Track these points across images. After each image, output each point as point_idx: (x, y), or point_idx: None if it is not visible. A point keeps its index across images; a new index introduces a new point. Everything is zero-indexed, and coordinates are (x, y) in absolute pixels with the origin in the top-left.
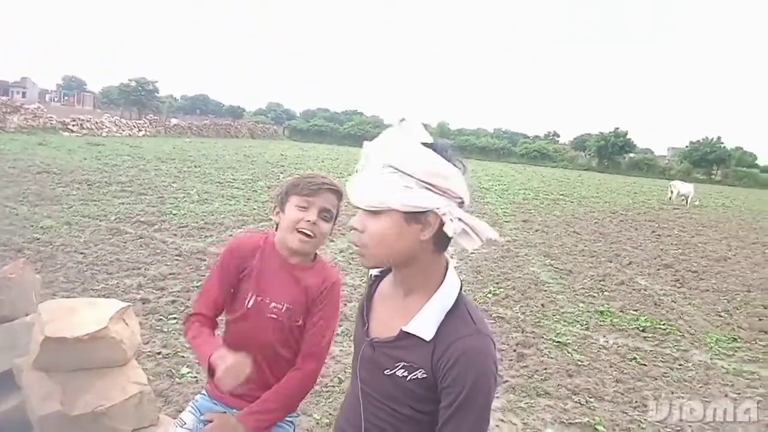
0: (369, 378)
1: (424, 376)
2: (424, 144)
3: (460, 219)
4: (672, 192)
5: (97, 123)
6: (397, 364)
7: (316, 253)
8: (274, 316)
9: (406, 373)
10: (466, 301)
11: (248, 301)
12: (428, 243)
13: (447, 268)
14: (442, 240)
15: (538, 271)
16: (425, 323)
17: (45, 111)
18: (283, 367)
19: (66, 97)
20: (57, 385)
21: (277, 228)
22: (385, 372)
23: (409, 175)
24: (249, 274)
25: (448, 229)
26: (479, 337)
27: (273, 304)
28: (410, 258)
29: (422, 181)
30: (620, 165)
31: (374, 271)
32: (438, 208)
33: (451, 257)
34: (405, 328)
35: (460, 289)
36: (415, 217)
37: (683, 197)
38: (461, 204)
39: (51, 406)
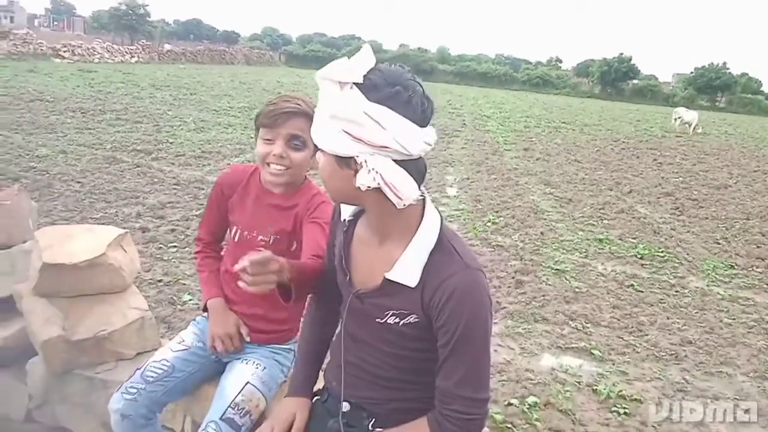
0: (360, 326)
1: (417, 320)
2: (357, 83)
3: (377, 171)
4: (676, 119)
5: (88, 49)
6: (386, 313)
7: (306, 177)
8: (263, 249)
9: (397, 320)
10: (450, 236)
11: (234, 236)
12: (373, 190)
13: (424, 208)
14: None
15: (538, 199)
16: (408, 269)
17: (35, 37)
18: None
19: (55, 23)
20: (58, 310)
21: None
22: (377, 320)
23: (327, 116)
24: (233, 208)
25: (362, 180)
26: (468, 272)
27: (260, 237)
28: (356, 200)
29: (338, 126)
30: (624, 92)
31: (347, 215)
32: (357, 156)
33: (451, 186)
34: (388, 276)
35: (441, 224)
36: (345, 161)
37: (687, 124)
38: (397, 153)
39: (53, 331)
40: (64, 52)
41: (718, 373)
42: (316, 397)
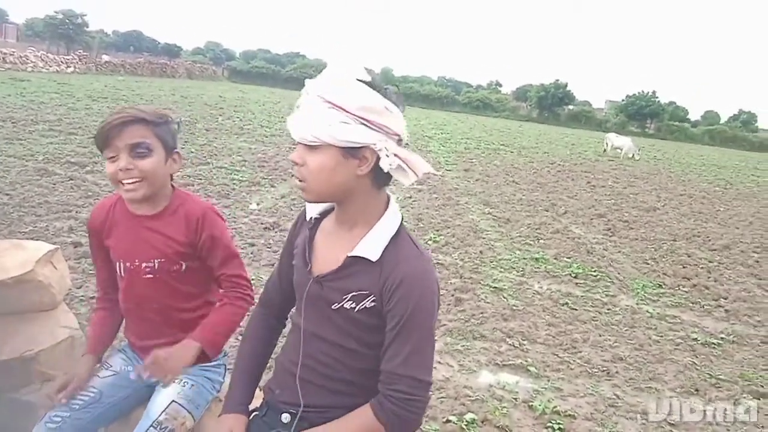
0: (314, 317)
1: (373, 303)
2: (362, 81)
3: (396, 155)
4: (607, 144)
5: (21, 57)
6: (344, 297)
7: (173, 186)
8: (150, 275)
9: (354, 305)
10: (407, 231)
11: (120, 270)
12: (366, 178)
13: (389, 202)
14: (380, 176)
15: (478, 219)
16: (371, 245)
17: None
18: (189, 314)
19: None
20: None
21: None
22: (333, 307)
23: (344, 110)
24: (109, 243)
25: (384, 165)
26: (422, 259)
27: (143, 264)
28: (349, 192)
29: (357, 117)
30: (560, 116)
31: (314, 213)
32: (374, 144)
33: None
34: (351, 253)
35: (402, 220)
36: (351, 152)
37: (618, 150)
38: (399, 141)
39: None
40: None
41: (647, 388)
42: (253, 414)
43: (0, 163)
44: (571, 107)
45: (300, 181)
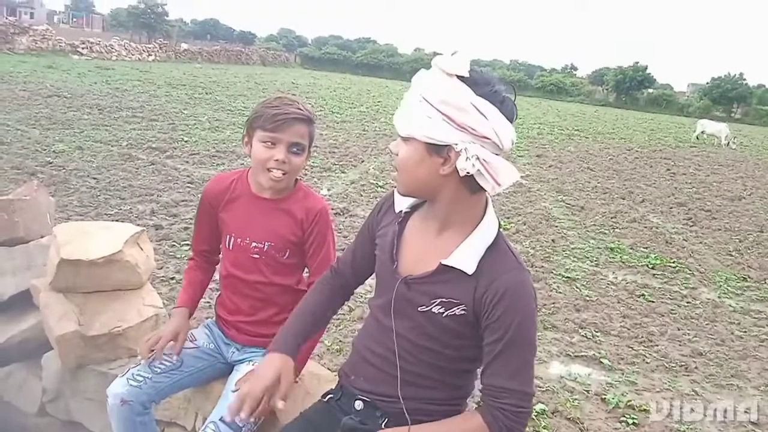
0: (399, 316)
1: (463, 312)
2: (461, 77)
3: (479, 159)
4: (700, 132)
5: (106, 46)
6: (433, 301)
7: (297, 179)
8: (257, 256)
9: (442, 310)
10: (505, 238)
11: (229, 244)
12: (452, 179)
13: (486, 207)
14: (471, 179)
15: (550, 206)
16: (466, 257)
17: (54, 33)
18: (282, 297)
19: (74, 19)
20: (74, 306)
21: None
22: (419, 309)
23: (430, 104)
24: (224, 216)
25: (461, 167)
26: (521, 272)
27: (253, 243)
28: (434, 190)
29: (440, 112)
30: (638, 101)
31: (403, 207)
32: (456, 144)
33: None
34: (445, 262)
35: (499, 227)
36: (436, 149)
37: (713, 137)
38: (493, 145)
39: (68, 326)
40: (83, 48)
41: (728, 385)
42: (329, 396)
43: (88, 148)
44: (650, 91)
45: (395, 171)
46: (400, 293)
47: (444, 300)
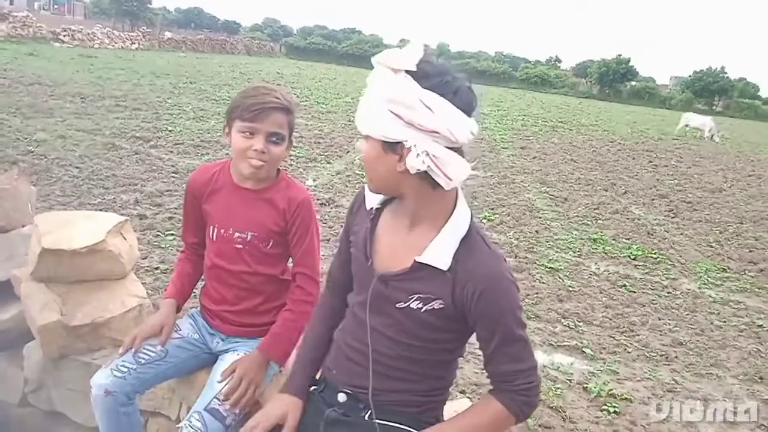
0: (377, 313)
1: (441, 306)
2: (410, 71)
3: (429, 155)
4: (684, 125)
5: (88, 34)
6: (410, 297)
7: (279, 169)
8: (240, 246)
9: (421, 305)
10: (477, 227)
11: (212, 234)
12: (411, 175)
13: (456, 198)
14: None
15: (534, 197)
16: (440, 252)
17: (35, 20)
18: (267, 287)
19: (56, 6)
20: (56, 296)
21: None
22: (397, 305)
23: (380, 102)
24: (207, 207)
25: (411, 164)
26: (498, 262)
27: (236, 234)
28: (398, 187)
29: (389, 110)
30: (621, 93)
31: (374, 204)
32: (406, 141)
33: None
34: (419, 259)
35: (471, 216)
36: (391, 146)
37: (697, 130)
38: (445, 139)
39: (51, 316)
40: (64, 36)
41: (708, 374)
42: (312, 387)
43: (70, 137)
44: (633, 83)
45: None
46: (376, 290)
47: (421, 296)
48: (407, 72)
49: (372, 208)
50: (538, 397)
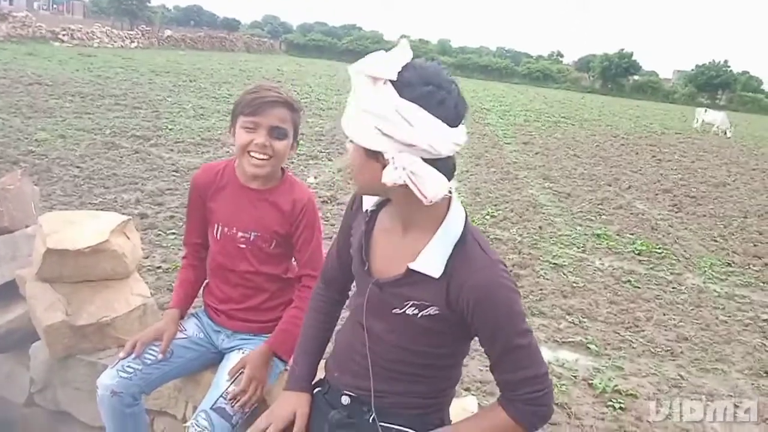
0: (375, 317)
1: (437, 312)
2: (390, 80)
3: (404, 169)
4: (697, 120)
5: (88, 33)
6: (406, 303)
7: (283, 170)
8: (243, 246)
9: (416, 311)
10: (473, 231)
11: (216, 233)
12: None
13: (450, 201)
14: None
15: (537, 193)
16: (432, 260)
17: (34, 20)
18: (271, 285)
19: (55, 6)
20: (61, 296)
21: None
22: (393, 311)
23: (359, 111)
24: (212, 205)
25: (387, 178)
26: (494, 267)
27: (240, 233)
28: (385, 193)
29: (368, 120)
30: (624, 88)
31: (369, 206)
32: (385, 152)
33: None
34: (412, 266)
35: (466, 219)
36: (373, 154)
37: (710, 126)
38: (425, 152)
39: (56, 316)
40: (64, 35)
41: (714, 369)
42: (316, 389)
43: (71, 136)
44: (636, 78)
45: None
46: (372, 295)
47: (416, 302)
48: (390, 81)
49: (367, 210)
50: (548, 407)
